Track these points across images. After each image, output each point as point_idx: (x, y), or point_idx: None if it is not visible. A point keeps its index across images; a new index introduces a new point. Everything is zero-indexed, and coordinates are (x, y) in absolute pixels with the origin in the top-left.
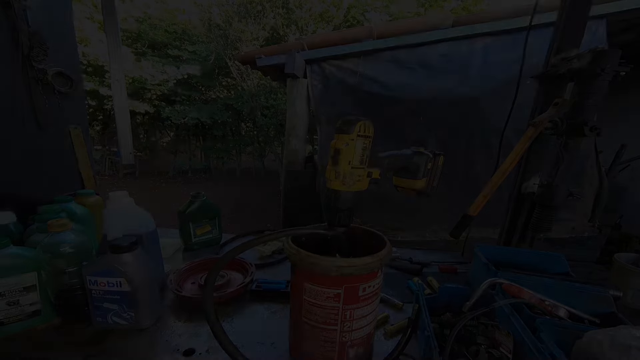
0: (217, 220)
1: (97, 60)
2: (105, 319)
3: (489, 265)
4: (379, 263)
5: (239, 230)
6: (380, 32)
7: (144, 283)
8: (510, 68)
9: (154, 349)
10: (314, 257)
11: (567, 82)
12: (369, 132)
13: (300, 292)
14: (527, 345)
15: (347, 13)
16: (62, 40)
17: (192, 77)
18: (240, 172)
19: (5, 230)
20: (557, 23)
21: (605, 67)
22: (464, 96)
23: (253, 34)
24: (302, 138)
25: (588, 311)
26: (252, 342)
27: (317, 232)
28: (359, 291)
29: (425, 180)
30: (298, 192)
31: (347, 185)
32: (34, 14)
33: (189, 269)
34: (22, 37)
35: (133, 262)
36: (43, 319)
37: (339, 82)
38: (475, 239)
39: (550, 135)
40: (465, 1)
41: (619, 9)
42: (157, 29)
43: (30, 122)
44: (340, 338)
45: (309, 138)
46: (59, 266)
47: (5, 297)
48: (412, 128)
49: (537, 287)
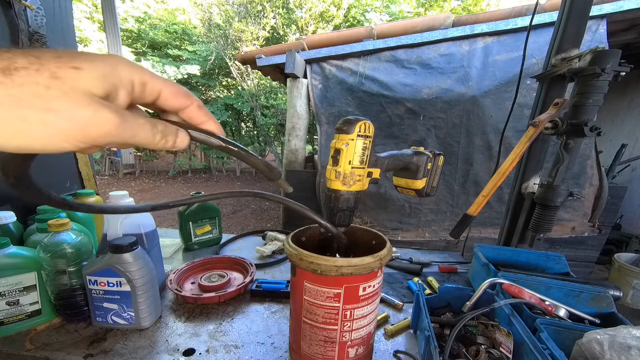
0: (217, 220)
1: None
2: (105, 319)
3: (489, 265)
4: (380, 263)
5: (239, 231)
6: (380, 32)
7: (143, 283)
8: (510, 68)
9: (154, 349)
10: (314, 257)
11: (567, 82)
12: (369, 132)
13: (300, 292)
14: (527, 345)
15: (347, 13)
16: (62, 40)
17: (192, 77)
18: (240, 172)
19: (5, 230)
20: (557, 23)
21: (606, 67)
22: (464, 96)
23: (253, 34)
24: (302, 138)
25: (588, 311)
26: (252, 342)
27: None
28: (359, 291)
29: (425, 180)
30: (298, 192)
31: (347, 185)
32: (34, 14)
33: (189, 269)
34: (22, 37)
35: (133, 262)
36: (43, 319)
37: (339, 82)
38: (475, 239)
39: (550, 135)
40: (465, 1)
41: (619, 9)
42: (157, 29)
43: None
44: (340, 338)
45: (309, 138)
46: (59, 266)
47: (5, 297)
48: (412, 128)
49: (537, 287)
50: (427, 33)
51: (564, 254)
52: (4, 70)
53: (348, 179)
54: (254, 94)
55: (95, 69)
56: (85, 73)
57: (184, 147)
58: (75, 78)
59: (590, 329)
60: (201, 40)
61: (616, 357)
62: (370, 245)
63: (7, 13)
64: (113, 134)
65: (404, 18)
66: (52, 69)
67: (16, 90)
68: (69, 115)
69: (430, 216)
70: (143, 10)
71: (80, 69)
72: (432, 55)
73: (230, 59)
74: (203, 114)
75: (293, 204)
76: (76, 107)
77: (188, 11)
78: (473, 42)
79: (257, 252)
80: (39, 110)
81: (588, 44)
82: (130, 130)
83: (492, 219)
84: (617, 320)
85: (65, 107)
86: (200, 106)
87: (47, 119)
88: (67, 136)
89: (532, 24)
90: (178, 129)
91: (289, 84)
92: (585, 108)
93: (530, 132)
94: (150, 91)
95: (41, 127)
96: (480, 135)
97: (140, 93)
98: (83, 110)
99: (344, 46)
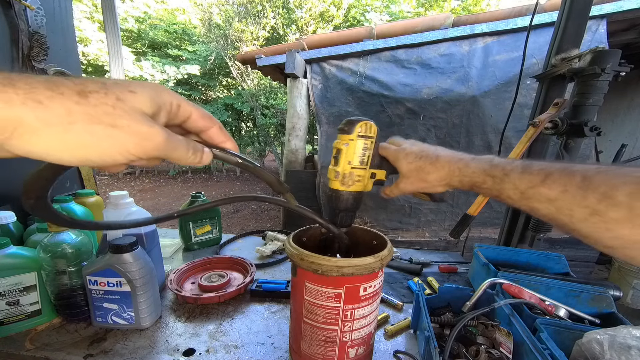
0: (217, 220)
1: (97, 60)
2: (105, 319)
3: (489, 265)
4: (380, 263)
5: (239, 231)
6: (380, 32)
7: (144, 283)
8: (510, 68)
9: (154, 349)
10: (315, 257)
11: (567, 82)
12: (370, 132)
13: (301, 292)
14: (527, 345)
15: (347, 13)
16: (62, 40)
17: (192, 77)
18: (241, 172)
19: (5, 230)
20: (557, 23)
21: (606, 67)
22: (464, 96)
23: (253, 34)
24: (302, 138)
25: (588, 311)
26: (252, 342)
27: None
28: (360, 291)
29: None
30: (298, 192)
31: (345, 185)
32: (34, 14)
33: (189, 269)
34: (22, 37)
35: (133, 262)
36: (43, 319)
37: (339, 82)
38: (475, 239)
39: (550, 135)
40: (465, 1)
41: (619, 9)
42: (157, 29)
43: None
44: (340, 338)
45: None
46: (59, 266)
47: (5, 297)
48: (412, 128)
49: (537, 287)
50: (427, 33)
51: (564, 254)
52: (80, 93)
53: (347, 179)
54: (254, 94)
55: (146, 92)
56: (139, 96)
57: (207, 163)
58: (133, 100)
59: (590, 329)
60: (201, 40)
61: (616, 357)
62: (371, 246)
63: (7, 13)
64: (161, 147)
65: (404, 18)
66: (117, 93)
67: (91, 109)
68: (129, 130)
69: (430, 216)
70: (143, 10)
71: (136, 92)
72: (432, 55)
73: (230, 59)
74: (223, 134)
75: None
76: (135, 124)
77: (188, 11)
78: (473, 42)
79: (257, 252)
80: (106, 126)
81: (588, 44)
82: (172, 144)
83: (492, 219)
84: (617, 320)
85: (127, 124)
86: (221, 127)
87: (112, 133)
88: (124, 149)
89: (532, 24)
90: (203, 146)
91: (289, 84)
92: (585, 108)
93: (530, 132)
94: (183, 112)
95: (106, 140)
96: (480, 135)
97: (175, 114)
98: (141, 126)
99: (344, 46)
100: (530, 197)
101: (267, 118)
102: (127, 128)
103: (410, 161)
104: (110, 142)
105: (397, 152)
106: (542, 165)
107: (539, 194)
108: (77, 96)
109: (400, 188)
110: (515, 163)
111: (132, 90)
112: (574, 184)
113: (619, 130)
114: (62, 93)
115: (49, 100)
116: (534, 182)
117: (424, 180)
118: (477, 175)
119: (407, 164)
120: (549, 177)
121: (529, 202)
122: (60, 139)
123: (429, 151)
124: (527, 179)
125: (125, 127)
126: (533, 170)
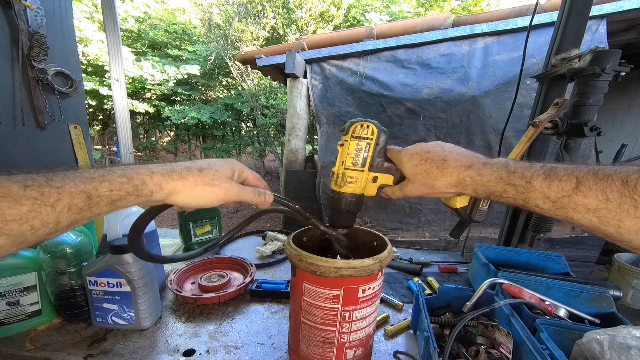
0: (217, 220)
1: (97, 60)
2: (105, 319)
3: (489, 265)
4: (379, 265)
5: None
6: (380, 32)
7: (144, 283)
8: (510, 68)
9: (154, 349)
10: (313, 258)
11: (567, 82)
12: (366, 133)
13: (299, 293)
14: (527, 345)
15: (347, 13)
16: (62, 40)
17: (192, 77)
18: None
19: None
20: (557, 23)
21: (606, 67)
22: (464, 96)
23: (253, 34)
24: (302, 138)
25: (588, 311)
26: (252, 342)
27: (316, 224)
28: (358, 293)
29: (467, 199)
30: (298, 192)
31: (337, 185)
32: (34, 13)
33: (189, 269)
34: (22, 37)
35: (133, 263)
36: (43, 319)
37: (339, 82)
38: (475, 239)
39: (550, 135)
40: (465, 1)
41: (619, 9)
42: (157, 29)
43: (30, 122)
44: (338, 339)
45: (309, 138)
46: (59, 266)
47: (5, 297)
48: (412, 128)
49: (537, 287)
50: (427, 33)
51: (564, 254)
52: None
53: (339, 180)
54: (254, 94)
55: (228, 166)
56: (224, 169)
57: (269, 205)
58: (222, 171)
59: (590, 329)
60: (201, 40)
61: (616, 357)
62: (372, 247)
63: (7, 13)
64: (236, 195)
65: (404, 18)
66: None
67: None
68: (221, 186)
69: (430, 216)
70: (143, 10)
71: (223, 166)
72: (432, 55)
73: (230, 59)
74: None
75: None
76: (223, 183)
77: (188, 11)
78: (473, 42)
79: (257, 252)
80: (211, 186)
81: (588, 44)
82: (243, 192)
83: (492, 219)
84: (617, 320)
85: (219, 184)
86: (266, 186)
87: (213, 189)
88: (218, 198)
89: (532, 24)
90: (266, 192)
91: (289, 84)
92: (585, 108)
93: (530, 132)
94: (244, 175)
95: (210, 193)
96: (480, 135)
97: (238, 176)
98: (226, 184)
99: (344, 46)
100: (564, 206)
101: (267, 118)
102: (220, 186)
103: (415, 164)
104: (213, 194)
105: (400, 154)
106: (568, 169)
107: (575, 203)
108: (198, 172)
109: (404, 192)
110: (534, 167)
111: (222, 165)
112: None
113: (619, 130)
114: (190, 172)
115: (186, 176)
116: (566, 190)
117: (431, 186)
118: (494, 184)
119: (411, 166)
120: (582, 184)
121: (565, 212)
122: (190, 194)
123: (435, 153)
124: (557, 186)
125: (219, 185)
126: (560, 175)
